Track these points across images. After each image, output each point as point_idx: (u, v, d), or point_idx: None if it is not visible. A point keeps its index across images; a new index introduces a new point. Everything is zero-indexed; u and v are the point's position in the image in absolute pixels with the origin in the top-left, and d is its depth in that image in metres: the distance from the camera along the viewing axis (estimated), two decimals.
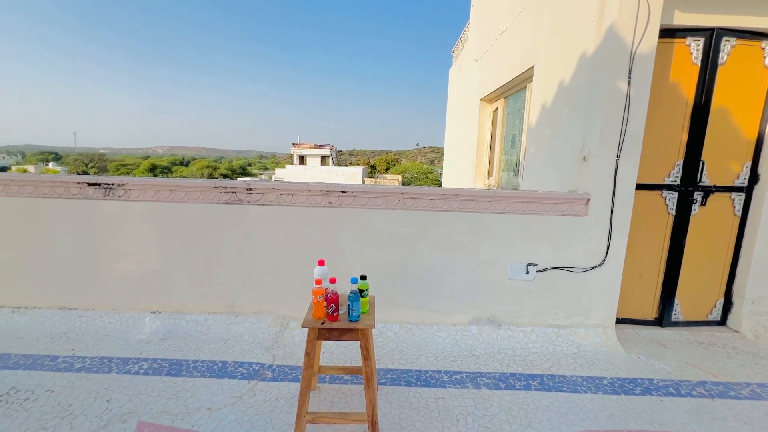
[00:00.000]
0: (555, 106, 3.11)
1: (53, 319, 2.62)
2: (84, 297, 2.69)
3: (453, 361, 2.39)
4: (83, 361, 2.23)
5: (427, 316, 2.71)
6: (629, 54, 2.36)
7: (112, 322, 2.62)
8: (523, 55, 3.81)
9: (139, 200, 2.61)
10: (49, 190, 2.59)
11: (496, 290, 2.69)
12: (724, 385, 2.22)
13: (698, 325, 2.93)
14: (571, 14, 2.87)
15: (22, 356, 2.24)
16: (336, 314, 1.66)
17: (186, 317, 2.66)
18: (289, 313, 2.70)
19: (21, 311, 2.65)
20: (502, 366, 2.35)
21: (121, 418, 1.78)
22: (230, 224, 2.63)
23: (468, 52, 6.34)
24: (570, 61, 2.84)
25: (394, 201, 2.59)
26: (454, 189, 2.59)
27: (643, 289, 2.88)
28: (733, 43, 2.56)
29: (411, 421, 1.83)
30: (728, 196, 2.78)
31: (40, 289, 2.69)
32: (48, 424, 1.73)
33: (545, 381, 2.20)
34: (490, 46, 4.97)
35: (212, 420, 1.80)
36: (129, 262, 2.68)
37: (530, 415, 1.91)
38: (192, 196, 2.60)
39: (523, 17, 3.87)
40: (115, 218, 2.63)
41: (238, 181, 2.74)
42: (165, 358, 2.29)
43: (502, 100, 4.88)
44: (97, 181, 2.59)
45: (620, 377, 2.25)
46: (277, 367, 2.25)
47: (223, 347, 2.43)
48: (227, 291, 2.70)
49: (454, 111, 7.68)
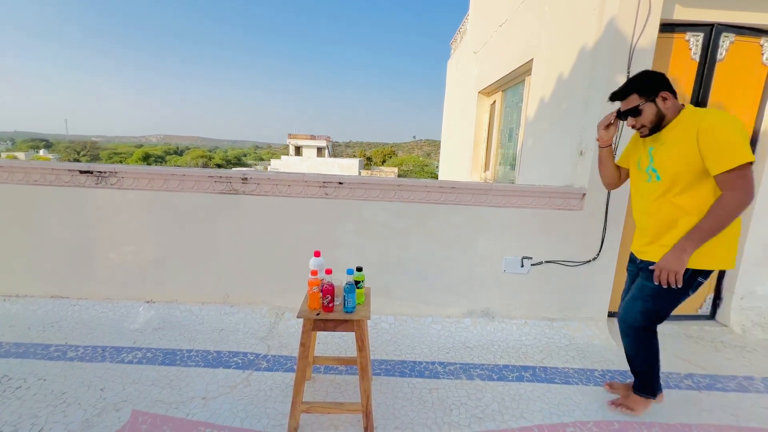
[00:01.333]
0: (553, 100, 3.10)
1: (45, 307, 2.59)
2: (77, 286, 2.67)
3: (447, 352, 2.41)
4: (76, 349, 2.22)
5: (422, 308, 2.73)
6: (629, 48, 2.35)
7: (106, 311, 2.60)
8: (522, 48, 3.79)
9: (132, 189, 2.57)
10: (39, 177, 2.55)
11: (491, 283, 2.70)
12: (712, 377, 2.26)
13: (688, 319, 2.98)
14: (572, 7, 2.84)
15: (14, 345, 2.22)
16: (331, 305, 1.66)
17: (180, 307, 2.65)
18: (285, 304, 2.70)
19: (12, 299, 2.62)
20: (496, 358, 2.37)
21: (115, 407, 1.78)
22: (225, 214, 2.61)
23: (467, 44, 6.29)
24: (570, 54, 2.83)
25: (391, 193, 2.58)
26: (451, 182, 2.58)
27: None
28: (732, 40, 2.55)
29: (405, 411, 1.85)
30: None
31: (32, 277, 2.65)
32: (41, 412, 1.72)
33: (537, 372, 2.23)
34: (489, 38, 4.93)
35: (206, 409, 1.80)
36: (122, 252, 2.65)
37: (522, 405, 1.94)
38: (186, 186, 2.57)
39: (523, 9, 3.83)
40: (108, 207, 2.59)
41: (234, 171, 2.71)
42: (159, 347, 2.29)
43: (500, 93, 4.85)
44: (89, 168, 2.55)
45: (611, 369, 2.29)
46: (271, 357, 2.25)
47: (218, 337, 2.43)
48: (222, 281, 2.69)
49: (451, 104, 7.63)
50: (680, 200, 1.59)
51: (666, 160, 1.61)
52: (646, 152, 1.72)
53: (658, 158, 1.64)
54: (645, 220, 1.74)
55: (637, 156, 1.79)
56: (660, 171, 1.64)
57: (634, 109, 1.65)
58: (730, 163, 1.43)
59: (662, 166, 1.62)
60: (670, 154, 1.59)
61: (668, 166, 1.60)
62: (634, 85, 1.65)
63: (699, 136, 1.49)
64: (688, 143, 1.53)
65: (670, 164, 1.59)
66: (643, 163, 1.73)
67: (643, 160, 1.74)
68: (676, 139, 1.58)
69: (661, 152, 1.63)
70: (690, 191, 1.57)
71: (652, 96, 1.61)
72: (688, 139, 1.53)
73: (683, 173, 1.56)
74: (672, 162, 1.58)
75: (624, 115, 1.70)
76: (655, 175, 1.66)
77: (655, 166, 1.66)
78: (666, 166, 1.61)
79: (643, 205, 1.74)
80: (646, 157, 1.72)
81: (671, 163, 1.58)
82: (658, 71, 1.66)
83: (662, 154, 1.63)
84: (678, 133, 1.58)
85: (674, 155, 1.57)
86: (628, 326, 1.85)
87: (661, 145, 1.64)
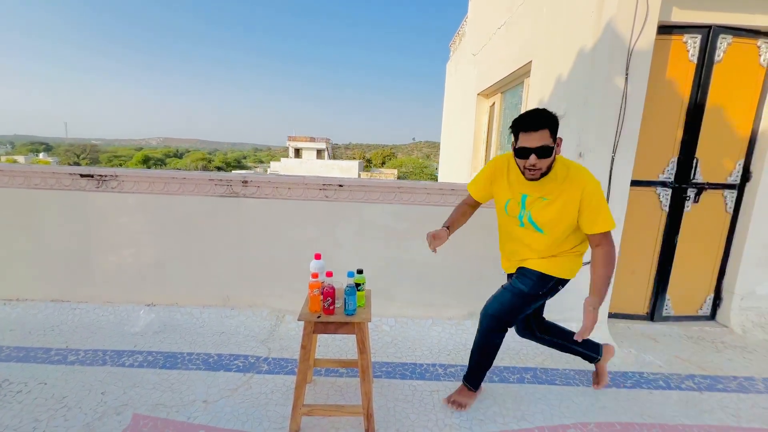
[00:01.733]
0: (552, 102, 3.11)
1: (46, 311, 2.59)
2: (77, 289, 2.67)
3: (448, 354, 2.41)
4: (77, 353, 2.22)
5: (422, 311, 2.73)
6: (627, 50, 2.36)
7: (106, 314, 2.60)
8: (521, 50, 3.80)
9: (132, 192, 2.58)
10: (40, 181, 2.55)
11: (491, 285, 2.70)
12: (713, 378, 2.26)
13: (688, 320, 2.98)
14: (570, 9, 2.85)
15: (15, 349, 2.22)
16: (332, 308, 1.66)
17: (181, 310, 2.65)
18: (285, 307, 2.70)
19: (12, 303, 2.62)
20: (497, 360, 2.35)
21: (116, 411, 1.78)
22: (226, 217, 2.61)
23: (466, 47, 6.31)
24: (568, 56, 2.84)
25: (391, 195, 2.58)
26: (451, 184, 2.59)
27: (636, 284, 2.92)
28: (730, 41, 2.57)
29: (406, 414, 1.85)
30: (720, 193, 2.81)
31: (32, 281, 2.66)
32: (42, 416, 1.72)
33: (538, 374, 2.23)
34: (488, 40, 4.95)
35: (208, 412, 1.80)
36: (123, 255, 2.65)
37: (523, 407, 1.94)
38: (187, 189, 2.58)
39: (521, 12, 3.85)
40: (108, 210, 2.59)
41: (234, 174, 2.72)
42: (160, 350, 2.29)
43: (499, 95, 4.87)
44: (89, 172, 2.55)
45: (611, 370, 2.29)
46: (272, 360, 2.25)
47: (219, 340, 2.43)
48: (222, 284, 2.70)
49: (450, 106, 7.65)
50: (562, 245, 1.72)
51: (549, 217, 1.62)
52: (518, 198, 1.67)
53: (537, 212, 1.63)
54: (521, 252, 1.79)
55: (504, 197, 1.72)
56: (541, 225, 1.65)
57: (548, 148, 1.48)
58: (606, 227, 1.60)
59: (544, 222, 1.64)
60: (555, 213, 1.61)
61: (554, 224, 1.63)
62: (547, 120, 1.48)
63: (583, 198, 1.56)
64: (572, 205, 1.58)
65: (555, 222, 1.63)
66: (514, 209, 1.69)
67: (513, 206, 1.69)
68: (560, 199, 1.59)
69: (542, 207, 1.62)
70: (571, 236, 1.70)
71: (554, 138, 1.52)
72: (572, 201, 1.58)
73: (567, 230, 1.66)
74: (558, 221, 1.63)
75: (528, 153, 1.50)
76: (533, 226, 1.67)
77: (534, 218, 1.65)
78: (551, 223, 1.64)
79: (516, 244, 1.79)
80: (517, 204, 1.67)
81: (557, 221, 1.62)
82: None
83: (543, 210, 1.62)
84: (562, 192, 1.59)
85: (561, 215, 1.61)
86: (486, 315, 1.83)
87: (539, 200, 1.62)
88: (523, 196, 1.66)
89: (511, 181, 1.70)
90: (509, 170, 1.71)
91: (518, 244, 1.79)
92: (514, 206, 1.69)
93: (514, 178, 1.69)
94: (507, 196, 1.71)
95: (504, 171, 1.72)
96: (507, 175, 1.71)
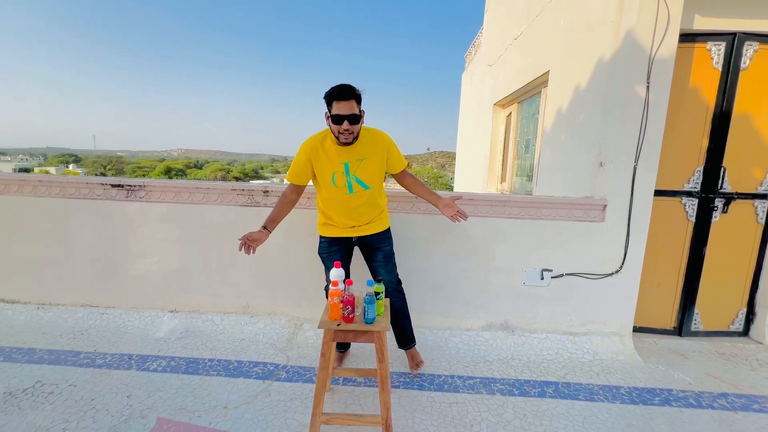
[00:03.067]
0: (571, 111, 3.09)
1: (75, 315, 2.70)
2: (105, 295, 2.77)
3: (466, 366, 2.37)
4: (104, 357, 2.29)
5: (440, 321, 2.70)
6: (648, 59, 2.34)
7: (132, 320, 2.68)
8: (537, 60, 3.80)
9: (159, 201, 2.68)
10: (75, 191, 2.69)
11: (510, 296, 2.67)
12: (748, 397, 2.15)
13: (719, 335, 2.85)
14: (588, 19, 2.85)
15: (47, 351, 2.32)
16: (352, 316, 1.67)
17: (202, 317, 2.71)
18: (303, 315, 2.73)
19: (45, 308, 2.74)
20: (516, 372, 2.32)
21: (141, 414, 1.83)
22: (246, 226, 2.66)
23: (481, 57, 6.34)
24: (586, 65, 2.83)
25: (409, 205, 2.60)
26: (468, 193, 2.59)
27: (662, 297, 2.82)
28: (756, 48, 2.51)
29: (425, 425, 1.83)
30: (751, 203, 2.71)
31: (63, 286, 2.77)
32: (72, 417, 1.79)
33: (560, 388, 2.17)
34: (503, 51, 4.97)
35: (228, 418, 1.82)
36: (148, 262, 2.75)
37: (545, 422, 1.89)
38: (211, 198, 2.66)
39: (538, 22, 3.86)
40: (135, 219, 2.70)
41: (255, 183, 2.79)
42: (182, 356, 2.34)
43: (515, 105, 4.86)
44: (120, 182, 2.67)
45: (638, 387, 2.21)
46: (291, 367, 2.27)
47: (238, 347, 2.47)
48: (242, 292, 2.75)
49: (466, 116, 7.66)
50: (379, 197, 2.09)
51: (371, 171, 1.98)
52: (341, 169, 1.94)
53: (361, 171, 1.96)
54: (354, 214, 2.05)
55: (328, 171, 1.95)
56: (367, 181, 1.98)
57: (356, 116, 1.83)
58: (405, 163, 2.14)
59: (368, 177, 1.98)
60: (374, 166, 1.99)
61: (374, 176, 2.00)
62: (352, 93, 1.81)
63: (388, 149, 2.02)
64: (382, 156, 2.00)
65: (375, 174, 2.01)
66: (341, 179, 1.95)
67: (339, 177, 1.95)
68: (374, 154, 1.97)
69: (363, 166, 1.96)
70: (380, 189, 2.12)
71: (359, 109, 1.86)
72: (381, 153, 2.00)
73: (380, 179, 2.08)
74: (377, 173, 2.02)
75: (341, 119, 1.79)
76: (360, 185, 1.97)
77: (360, 177, 1.96)
78: (373, 177, 1.99)
79: (348, 209, 2.03)
80: (342, 174, 1.94)
81: (377, 173, 2.01)
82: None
83: (365, 168, 1.96)
84: (373, 149, 1.97)
85: (378, 167, 2.01)
86: (396, 285, 2.18)
87: (358, 161, 1.94)
88: (346, 165, 1.94)
89: (329, 155, 1.94)
90: (324, 147, 1.95)
91: (356, 209, 2.03)
92: (340, 177, 1.95)
93: (331, 152, 1.94)
94: (331, 170, 1.95)
95: (319, 149, 1.96)
96: (323, 151, 1.95)
